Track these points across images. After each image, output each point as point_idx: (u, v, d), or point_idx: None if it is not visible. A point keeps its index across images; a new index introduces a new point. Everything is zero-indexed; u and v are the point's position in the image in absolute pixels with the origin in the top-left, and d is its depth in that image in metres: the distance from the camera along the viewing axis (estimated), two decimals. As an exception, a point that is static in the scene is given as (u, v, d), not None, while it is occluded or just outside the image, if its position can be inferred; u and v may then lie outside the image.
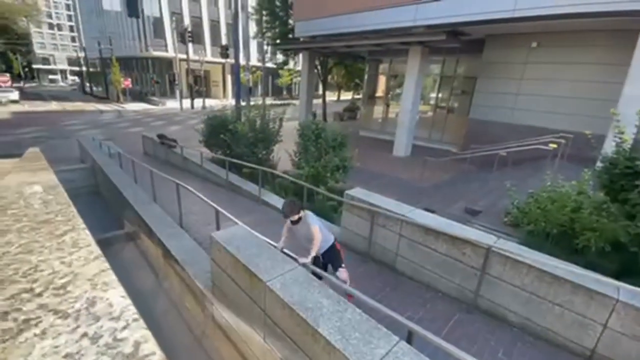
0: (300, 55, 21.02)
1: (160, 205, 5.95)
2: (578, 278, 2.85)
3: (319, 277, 2.95)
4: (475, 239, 3.45)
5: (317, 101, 23.17)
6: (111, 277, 0.46)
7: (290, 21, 20.72)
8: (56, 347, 0.36)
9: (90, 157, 9.17)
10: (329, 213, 6.74)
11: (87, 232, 0.61)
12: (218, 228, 4.39)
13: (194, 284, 3.68)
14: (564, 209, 4.05)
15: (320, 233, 3.32)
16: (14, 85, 34.80)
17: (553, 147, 8.20)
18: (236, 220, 3.97)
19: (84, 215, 1.23)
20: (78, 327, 0.39)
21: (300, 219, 3.39)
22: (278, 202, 6.94)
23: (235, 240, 3.16)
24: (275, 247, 3.35)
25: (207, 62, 32.59)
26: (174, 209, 5.57)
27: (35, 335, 0.37)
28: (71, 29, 70.77)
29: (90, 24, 42.10)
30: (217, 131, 9.34)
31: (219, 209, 4.46)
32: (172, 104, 30.40)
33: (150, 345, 0.34)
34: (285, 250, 3.38)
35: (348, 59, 22.13)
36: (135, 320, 0.37)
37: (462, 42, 11.33)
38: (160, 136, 11.27)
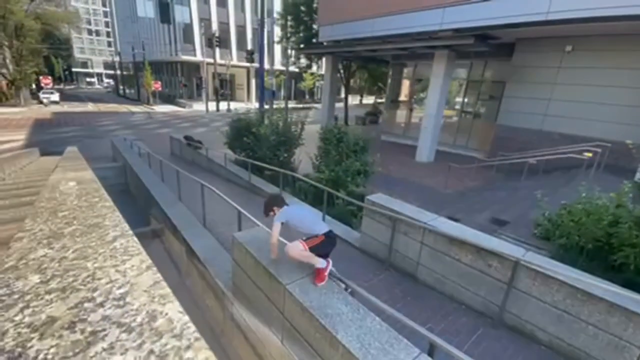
0: (324, 59, 21.17)
1: (185, 204, 6.15)
2: (615, 297, 2.66)
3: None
4: (503, 250, 3.31)
5: (339, 105, 23.21)
6: (166, 289, 0.45)
7: (315, 26, 20.93)
8: None
9: (122, 157, 9.63)
10: (349, 218, 6.70)
11: (135, 239, 0.61)
12: (240, 229, 4.47)
13: (215, 283, 3.76)
14: (601, 223, 3.80)
15: (275, 235, 2.74)
16: (55, 87, 37.21)
17: (588, 155, 7.76)
18: (257, 222, 4.03)
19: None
20: (143, 342, 0.36)
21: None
22: (298, 204, 6.99)
23: (256, 241, 3.20)
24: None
25: (233, 66, 33.48)
26: (198, 208, 5.73)
27: (103, 349, 0.36)
28: (108, 34, 74.88)
29: (125, 30, 44.48)
30: (241, 134, 9.56)
31: (241, 210, 4.54)
32: (198, 107, 31.43)
33: None
34: None
35: (371, 63, 22.04)
36: (197, 339, 0.35)
37: (491, 45, 10.99)
38: (187, 138, 11.67)
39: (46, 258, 0.60)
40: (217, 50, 28.27)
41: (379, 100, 35.52)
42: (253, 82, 36.37)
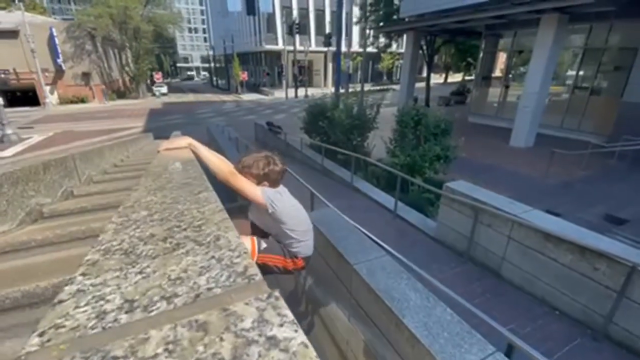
0: (405, 37, 19.96)
1: (265, 184, 6.69)
2: None
3: None
4: (616, 253, 2.74)
5: (420, 85, 21.72)
6: (229, 223, 0.73)
7: (396, 1, 19.77)
8: (195, 261, 0.57)
9: (215, 141, 10.89)
10: (424, 206, 6.39)
11: (214, 193, 0.91)
12: (312, 209, 4.67)
13: (290, 258, 4.03)
14: None
15: (252, 189, 1.80)
16: (164, 81, 43.67)
17: None
18: (328, 203, 4.14)
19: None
20: (208, 251, 0.60)
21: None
22: (369, 189, 6.93)
23: (327, 222, 3.31)
24: (364, 233, 3.37)
25: (311, 51, 34.12)
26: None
27: (182, 253, 0.60)
28: (204, 31, 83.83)
29: (217, 25, 49.05)
30: (316, 119, 9.80)
31: (314, 191, 4.73)
32: (279, 94, 33.21)
33: (255, 269, 0.55)
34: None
35: (459, 36, 19.86)
36: (245, 252, 0.60)
37: (620, 3, 8.71)
38: (269, 124, 12.52)
39: (152, 201, 0.90)
40: (297, 37, 29.10)
41: (467, 78, 32.04)
42: (330, 66, 36.57)
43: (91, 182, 2.33)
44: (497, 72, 15.39)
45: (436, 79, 35.78)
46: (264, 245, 1.89)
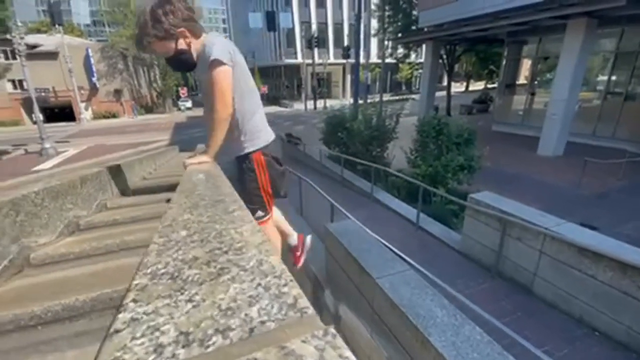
0: (424, 46, 19.86)
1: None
2: None
3: None
4: (664, 271, 2.53)
5: (441, 94, 21.44)
6: (270, 246, 0.70)
7: (414, 12, 19.83)
8: (243, 289, 0.54)
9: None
10: (448, 217, 6.20)
11: (248, 211, 0.89)
12: (332, 220, 4.65)
13: (310, 269, 4.01)
14: None
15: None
16: (189, 96, 45.54)
17: None
18: (349, 215, 4.11)
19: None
20: (254, 278, 0.57)
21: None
22: (390, 200, 6.82)
23: (347, 233, 3.27)
24: (386, 246, 3.31)
25: (330, 64, 34.62)
26: (296, 199, 6.20)
27: (228, 279, 0.57)
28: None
29: (239, 42, 50.90)
30: (335, 130, 9.85)
31: (334, 202, 4.71)
32: (298, 106, 33.74)
33: (305, 301, 0.51)
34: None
35: (480, 44, 19.55)
36: (291, 280, 0.56)
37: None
38: (288, 135, 12.71)
39: (189, 220, 0.87)
40: (316, 50, 29.65)
41: (490, 86, 31.31)
42: (348, 78, 36.88)
43: (123, 195, 2.44)
44: (522, 79, 14.93)
45: (457, 87, 35.25)
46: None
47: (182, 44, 1.42)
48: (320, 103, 31.97)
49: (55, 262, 1.30)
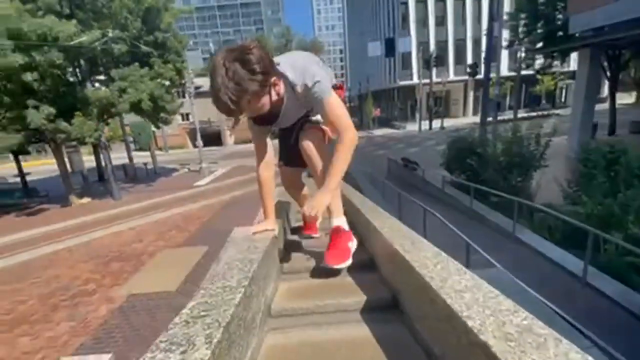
0: (572, 55, 16.40)
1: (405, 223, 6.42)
2: None
3: None
4: None
5: (600, 107, 17.09)
6: None
7: (559, 16, 16.88)
8: None
9: (353, 178, 11.43)
10: (628, 274, 4.72)
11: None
12: (468, 264, 4.08)
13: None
14: None
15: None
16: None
17: None
18: (495, 263, 3.51)
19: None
20: None
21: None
22: (539, 244, 5.61)
23: (492, 284, 2.76)
24: (551, 308, 2.65)
25: (449, 82, 32.61)
26: (419, 229, 5.80)
27: None
28: (342, 75, 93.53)
29: (354, 69, 53.69)
30: (461, 154, 8.93)
31: (470, 242, 4.16)
32: (410, 127, 32.73)
33: None
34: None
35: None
36: None
37: None
38: (404, 159, 12.33)
39: None
40: (434, 69, 28.46)
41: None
42: (470, 94, 33.86)
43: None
44: None
45: (623, 98, 27.63)
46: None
47: (274, 95, 1.19)
48: (436, 123, 30.26)
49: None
